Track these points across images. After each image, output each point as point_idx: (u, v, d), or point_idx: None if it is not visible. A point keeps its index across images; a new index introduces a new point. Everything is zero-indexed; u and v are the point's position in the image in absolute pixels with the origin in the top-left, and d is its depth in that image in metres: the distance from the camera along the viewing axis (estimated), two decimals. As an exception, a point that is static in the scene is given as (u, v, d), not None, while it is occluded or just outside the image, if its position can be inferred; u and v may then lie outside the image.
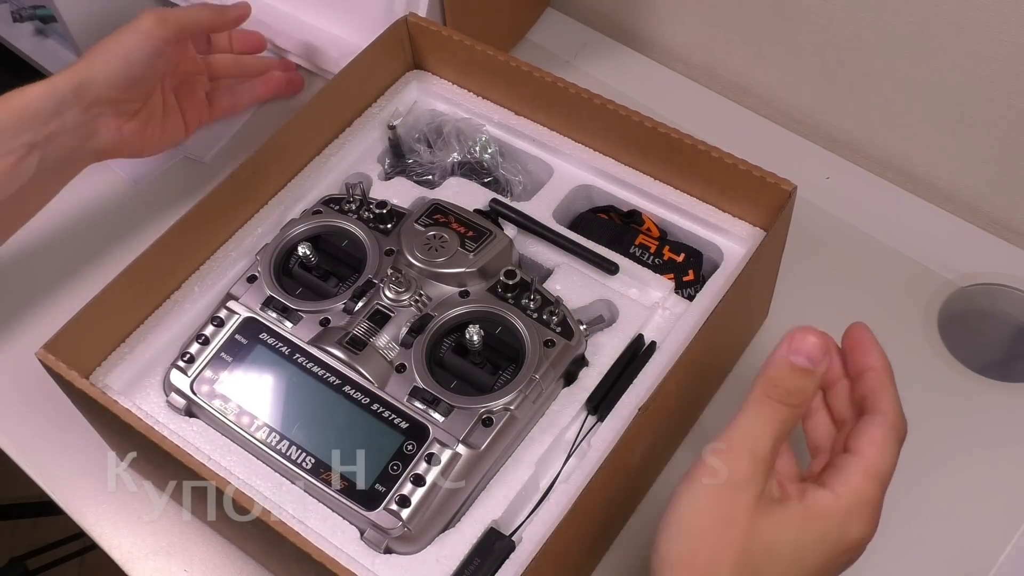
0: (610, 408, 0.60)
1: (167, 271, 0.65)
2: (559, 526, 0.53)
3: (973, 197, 0.80)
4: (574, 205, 0.71)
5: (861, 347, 0.53)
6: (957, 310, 0.75)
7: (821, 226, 0.79)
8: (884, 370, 0.52)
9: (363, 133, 0.73)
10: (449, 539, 0.57)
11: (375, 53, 0.72)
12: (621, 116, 0.66)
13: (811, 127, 0.87)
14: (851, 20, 0.77)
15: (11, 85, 0.68)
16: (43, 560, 1.39)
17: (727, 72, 0.89)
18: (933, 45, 0.74)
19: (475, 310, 0.62)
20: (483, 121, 0.73)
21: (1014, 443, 0.69)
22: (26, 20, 1.13)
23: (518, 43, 0.93)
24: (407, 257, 0.64)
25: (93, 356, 0.62)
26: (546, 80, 0.68)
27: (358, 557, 0.56)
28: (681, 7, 0.88)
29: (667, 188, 0.68)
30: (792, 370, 0.48)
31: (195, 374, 0.62)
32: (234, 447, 0.60)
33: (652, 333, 0.63)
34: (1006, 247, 0.78)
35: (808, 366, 0.48)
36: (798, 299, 0.74)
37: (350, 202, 0.67)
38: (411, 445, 0.57)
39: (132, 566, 0.66)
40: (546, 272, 0.67)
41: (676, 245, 0.68)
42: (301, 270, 0.65)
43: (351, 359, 0.60)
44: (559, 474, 0.59)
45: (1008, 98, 0.73)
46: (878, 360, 0.52)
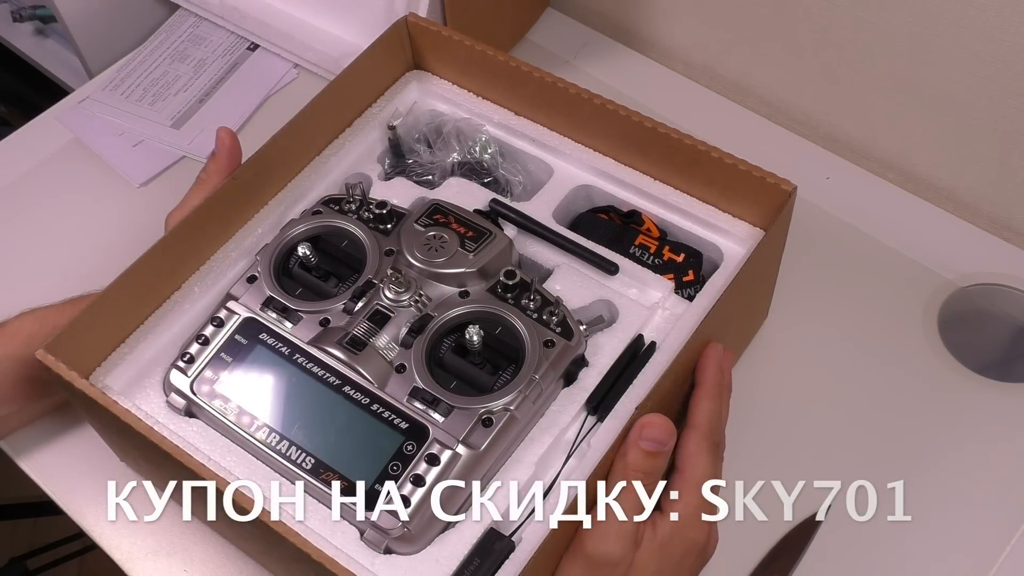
0: (610, 408, 0.60)
1: (167, 272, 0.65)
2: (559, 526, 0.53)
3: (973, 197, 0.80)
4: (574, 205, 0.71)
5: (700, 364, 0.60)
6: (957, 310, 0.75)
7: (821, 226, 0.79)
8: (704, 386, 0.59)
9: (363, 133, 0.73)
10: (449, 539, 0.57)
11: (375, 53, 0.72)
12: (621, 116, 0.66)
13: (811, 127, 0.87)
14: (851, 20, 0.77)
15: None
16: (43, 560, 1.39)
17: (727, 72, 0.89)
18: (933, 45, 0.74)
19: (475, 310, 0.62)
20: (483, 121, 0.73)
21: (1014, 443, 0.69)
22: (26, 20, 1.13)
23: (518, 43, 0.93)
24: (407, 257, 0.64)
25: (93, 356, 0.62)
26: (546, 80, 0.68)
27: (358, 557, 0.56)
28: (681, 7, 0.88)
29: (667, 188, 0.68)
30: (645, 455, 0.55)
31: (195, 374, 0.62)
32: (234, 447, 0.60)
33: (652, 333, 0.63)
34: (1006, 247, 0.78)
35: (657, 448, 0.55)
36: (798, 299, 0.74)
37: (350, 202, 0.67)
38: (411, 445, 0.57)
39: (132, 566, 0.66)
40: (546, 272, 0.67)
41: (676, 245, 0.68)
42: (301, 270, 0.65)
43: (351, 359, 0.60)
44: (559, 474, 0.59)
45: (1008, 98, 0.73)
46: (706, 376, 0.59)
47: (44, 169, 0.87)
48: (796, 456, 0.68)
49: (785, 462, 0.68)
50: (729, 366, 0.61)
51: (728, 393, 0.60)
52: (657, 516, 0.56)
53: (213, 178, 0.67)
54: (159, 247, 0.63)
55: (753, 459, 0.66)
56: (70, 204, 0.84)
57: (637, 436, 0.55)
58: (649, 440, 0.55)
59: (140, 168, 0.86)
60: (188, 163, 0.86)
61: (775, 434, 0.70)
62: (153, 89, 0.92)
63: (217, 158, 0.68)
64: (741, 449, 0.63)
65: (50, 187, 0.86)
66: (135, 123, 0.89)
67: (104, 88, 0.92)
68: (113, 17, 0.97)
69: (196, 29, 0.97)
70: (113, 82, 0.93)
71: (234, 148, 0.68)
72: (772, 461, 0.68)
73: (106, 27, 0.97)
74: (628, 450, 0.55)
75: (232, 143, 0.68)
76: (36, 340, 0.63)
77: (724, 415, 0.60)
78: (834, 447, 0.69)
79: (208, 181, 0.67)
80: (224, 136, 0.68)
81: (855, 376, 0.72)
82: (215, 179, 0.67)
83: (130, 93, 0.92)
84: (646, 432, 0.55)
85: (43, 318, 0.66)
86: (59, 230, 0.83)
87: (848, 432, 0.69)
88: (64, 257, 0.80)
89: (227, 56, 0.94)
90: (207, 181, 0.68)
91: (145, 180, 0.86)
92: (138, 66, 0.94)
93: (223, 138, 0.68)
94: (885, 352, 0.73)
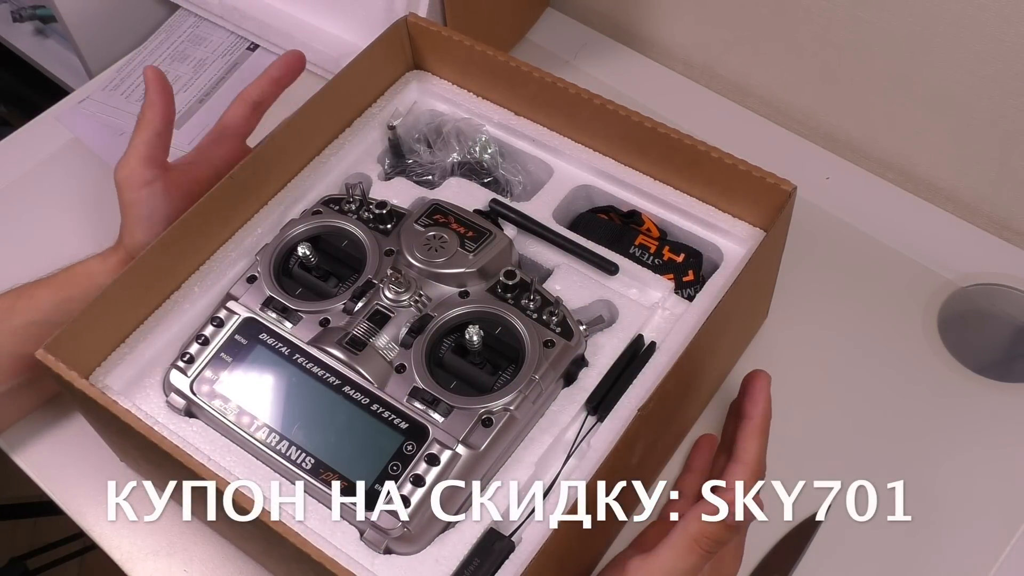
0: (610, 408, 0.60)
1: (167, 271, 0.65)
2: (559, 526, 0.53)
3: (973, 197, 0.80)
4: (574, 205, 0.71)
5: (751, 395, 0.58)
6: (957, 310, 0.75)
7: (821, 226, 0.79)
8: (753, 420, 0.58)
9: (363, 133, 0.73)
10: (449, 539, 0.57)
11: (375, 53, 0.72)
12: (621, 116, 0.66)
13: (811, 127, 0.87)
14: (851, 20, 0.77)
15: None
16: (43, 560, 1.39)
17: (727, 72, 0.89)
18: (933, 45, 0.74)
19: (475, 310, 0.62)
20: (483, 121, 0.73)
21: (1014, 443, 0.69)
22: (26, 20, 1.13)
23: (518, 43, 0.93)
24: (407, 257, 0.64)
25: (93, 356, 0.62)
26: (546, 80, 0.68)
27: (358, 557, 0.56)
28: (681, 7, 0.88)
29: (667, 188, 0.68)
30: (727, 528, 0.53)
31: (195, 374, 0.62)
32: (234, 447, 0.60)
33: (652, 333, 0.63)
34: (1006, 247, 0.78)
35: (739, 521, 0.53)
36: (798, 299, 0.75)
37: (350, 202, 0.67)
38: (411, 445, 0.57)
39: (132, 566, 0.66)
40: (546, 272, 0.67)
41: (676, 245, 0.68)
42: (301, 270, 0.65)
43: (351, 359, 0.60)
44: (559, 474, 0.59)
45: (1008, 98, 0.73)
46: (756, 410, 0.58)
47: (44, 169, 0.87)
48: (796, 456, 0.68)
49: (785, 462, 0.68)
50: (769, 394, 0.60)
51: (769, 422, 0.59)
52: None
53: (147, 112, 0.67)
54: (159, 247, 0.63)
55: (753, 459, 0.66)
56: (70, 204, 0.84)
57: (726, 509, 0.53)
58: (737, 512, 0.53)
59: (140, 168, 0.86)
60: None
61: (775, 434, 0.69)
62: (153, 89, 0.92)
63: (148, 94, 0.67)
64: (741, 449, 0.63)
65: (50, 187, 0.86)
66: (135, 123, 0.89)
67: (104, 88, 0.92)
68: (113, 17, 0.97)
69: (196, 29, 0.97)
70: (113, 82, 0.93)
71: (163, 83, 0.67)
72: (772, 461, 0.67)
73: (106, 27, 0.97)
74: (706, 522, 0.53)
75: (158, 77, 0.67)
76: (16, 313, 0.65)
77: (765, 446, 0.59)
78: (834, 447, 0.69)
79: (143, 118, 0.67)
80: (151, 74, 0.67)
81: (855, 376, 0.72)
82: (149, 113, 0.67)
83: (130, 93, 0.92)
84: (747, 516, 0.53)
85: (19, 291, 0.67)
86: (59, 230, 0.83)
87: (848, 432, 0.69)
88: (64, 257, 0.80)
89: (227, 56, 0.94)
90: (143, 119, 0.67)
91: (145, 180, 0.86)
92: (138, 66, 0.94)
93: (150, 76, 0.67)
94: (885, 352, 0.73)
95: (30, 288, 0.67)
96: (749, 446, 0.57)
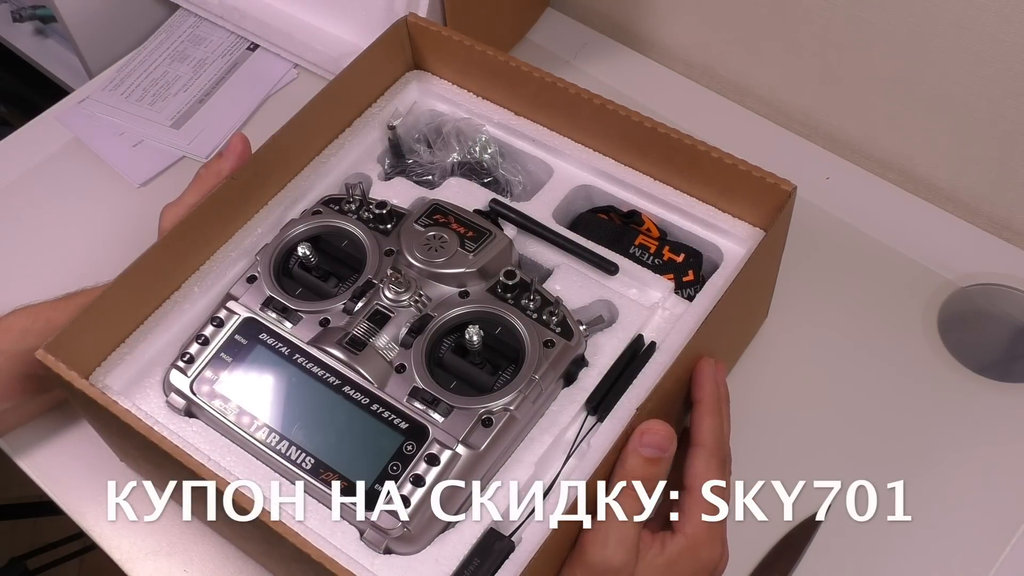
0: (610, 408, 0.60)
1: (167, 272, 0.65)
2: (559, 526, 0.53)
3: (973, 197, 0.80)
4: (574, 205, 0.71)
5: (696, 381, 0.59)
6: (957, 310, 0.75)
7: (821, 226, 0.79)
8: (703, 402, 0.59)
9: (363, 133, 0.73)
10: (449, 539, 0.57)
11: (375, 53, 0.72)
12: (621, 116, 0.66)
13: (811, 127, 0.87)
14: (851, 20, 0.77)
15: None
16: (43, 560, 1.39)
17: (727, 72, 0.89)
18: (933, 45, 0.74)
19: (475, 310, 0.62)
20: (483, 121, 0.73)
21: (1014, 443, 0.69)
22: (26, 20, 1.13)
23: (518, 43, 0.93)
24: (407, 257, 0.64)
25: (93, 356, 0.62)
26: (546, 80, 0.68)
27: (358, 557, 0.56)
28: (681, 7, 0.88)
29: (667, 188, 0.68)
30: (645, 461, 0.55)
31: (195, 374, 0.62)
32: (234, 447, 0.60)
33: (652, 333, 0.63)
34: (1006, 247, 0.78)
35: (657, 455, 0.55)
36: (798, 299, 0.75)
37: (350, 202, 0.67)
38: (411, 445, 0.57)
39: (132, 566, 0.66)
40: (546, 272, 0.67)
41: (676, 245, 0.68)
42: (301, 270, 0.65)
43: (351, 359, 0.60)
44: (559, 474, 0.59)
45: (1008, 98, 0.73)
46: (704, 393, 0.59)
47: (44, 169, 0.87)
48: (796, 456, 0.68)
49: (785, 462, 0.68)
50: (723, 378, 0.61)
51: (727, 404, 0.60)
52: (668, 535, 0.56)
53: (212, 178, 0.67)
54: (159, 247, 0.63)
55: (753, 459, 0.66)
56: (70, 204, 0.84)
57: (637, 443, 0.55)
58: (649, 447, 0.55)
59: (140, 168, 0.86)
60: (188, 163, 0.86)
61: (775, 434, 0.70)
62: (153, 89, 0.92)
63: (222, 159, 0.67)
64: (741, 449, 0.63)
65: (50, 187, 0.86)
66: (135, 123, 0.89)
67: (104, 88, 0.92)
68: (113, 17, 0.97)
69: (196, 29, 0.97)
70: (113, 82, 0.93)
71: (244, 155, 0.67)
72: (772, 461, 0.68)
73: (106, 27, 0.97)
74: (627, 457, 0.55)
75: (243, 150, 0.67)
76: (30, 336, 0.63)
77: (726, 427, 0.59)
78: (834, 447, 0.69)
79: (207, 180, 0.67)
80: (237, 141, 0.67)
81: (855, 376, 0.72)
82: (214, 180, 0.67)
83: (130, 93, 0.92)
84: (646, 439, 0.55)
85: (36, 313, 0.66)
86: (59, 230, 0.83)
87: (848, 432, 0.69)
88: (64, 257, 0.80)
89: (227, 56, 0.94)
90: (206, 179, 0.67)
91: (145, 180, 0.86)
92: (138, 66, 0.94)
93: (235, 143, 0.67)
94: (885, 352, 0.73)
95: (46, 311, 0.66)
96: (703, 427, 0.58)
